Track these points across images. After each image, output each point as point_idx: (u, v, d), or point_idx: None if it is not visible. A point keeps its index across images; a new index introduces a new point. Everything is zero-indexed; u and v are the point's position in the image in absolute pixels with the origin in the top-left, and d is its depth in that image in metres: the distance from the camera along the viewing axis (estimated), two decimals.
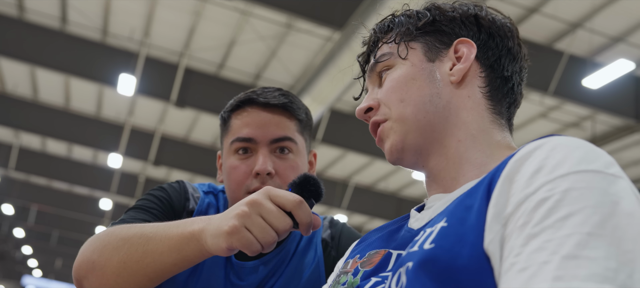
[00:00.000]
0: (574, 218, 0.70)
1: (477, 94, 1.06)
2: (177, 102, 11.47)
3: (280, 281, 1.38)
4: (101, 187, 18.08)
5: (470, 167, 1.01)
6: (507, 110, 1.08)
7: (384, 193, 17.32)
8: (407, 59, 1.08)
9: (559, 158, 0.78)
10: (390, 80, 1.09)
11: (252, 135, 1.40)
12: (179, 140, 15.70)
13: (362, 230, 19.95)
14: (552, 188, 0.74)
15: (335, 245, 1.48)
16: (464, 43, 1.07)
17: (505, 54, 1.08)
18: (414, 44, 1.09)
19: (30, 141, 17.25)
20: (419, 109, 1.04)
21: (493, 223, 0.78)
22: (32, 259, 34.52)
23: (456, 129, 1.04)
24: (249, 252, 1.02)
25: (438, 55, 1.07)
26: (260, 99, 1.43)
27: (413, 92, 1.05)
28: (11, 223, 26.24)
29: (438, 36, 1.08)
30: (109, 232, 1.19)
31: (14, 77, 13.68)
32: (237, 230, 1.01)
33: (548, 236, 0.70)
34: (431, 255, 0.81)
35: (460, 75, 1.05)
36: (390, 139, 1.07)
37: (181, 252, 1.10)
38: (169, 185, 1.45)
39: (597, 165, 0.76)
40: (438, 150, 1.05)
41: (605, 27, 8.93)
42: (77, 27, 11.12)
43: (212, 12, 10.20)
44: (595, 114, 10.93)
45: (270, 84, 11.58)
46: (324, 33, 9.98)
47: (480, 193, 0.84)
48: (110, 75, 10.97)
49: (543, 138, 0.86)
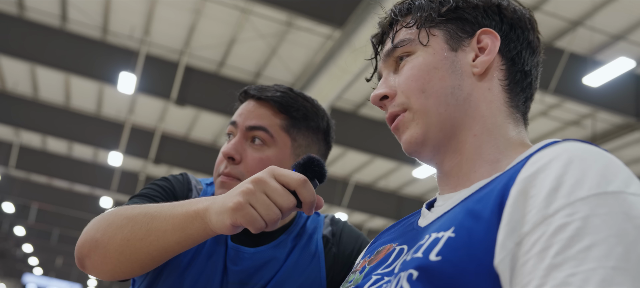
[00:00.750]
0: (597, 250, 0.68)
1: (497, 87, 1.03)
2: (177, 101, 11.47)
3: (279, 274, 1.38)
4: (101, 185, 18.09)
5: (482, 163, 0.99)
6: (523, 105, 1.06)
7: (384, 192, 17.32)
8: (429, 46, 1.04)
9: (577, 176, 0.75)
10: (411, 67, 1.04)
11: (236, 119, 1.44)
12: (179, 138, 15.70)
13: (362, 228, 19.96)
14: (572, 214, 0.72)
15: (336, 242, 1.48)
16: (487, 33, 1.03)
17: (526, 47, 1.05)
18: (436, 31, 1.05)
19: (30, 139, 17.25)
20: (441, 101, 1.01)
21: (506, 241, 0.76)
22: (33, 257, 34.53)
23: (474, 123, 1.01)
24: (252, 229, 1.03)
25: (460, 45, 1.04)
26: (253, 91, 1.46)
27: (435, 83, 1.01)
28: (12, 221, 26.26)
29: (460, 24, 1.04)
30: (112, 211, 1.21)
31: (14, 76, 13.68)
32: (241, 207, 1.01)
33: (571, 269, 0.68)
34: (437, 268, 0.80)
35: (484, 67, 1.02)
36: (411, 131, 1.04)
37: (185, 230, 1.11)
38: (173, 176, 1.47)
39: (616, 185, 0.74)
40: (455, 146, 1.02)
41: (605, 25, 8.92)
42: (78, 25, 11.12)
43: (212, 10, 10.20)
44: (595, 112, 10.93)
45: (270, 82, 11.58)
46: (324, 31, 9.98)
47: (492, 202, 0.82)
48: (110, 74, 10.97)
49: (556, 144, 0.84)
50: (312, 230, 1.49)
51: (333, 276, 1.43)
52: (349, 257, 1.46)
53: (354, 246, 1.48)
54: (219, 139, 15.35)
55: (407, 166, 13.65)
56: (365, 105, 12.49)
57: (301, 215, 1.51)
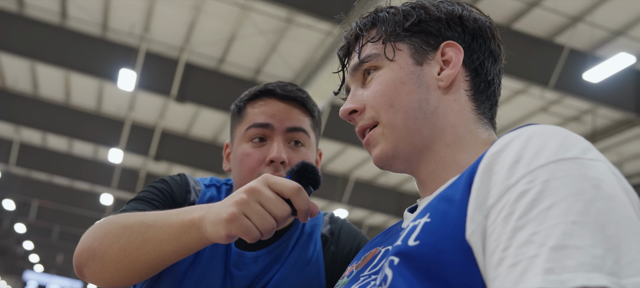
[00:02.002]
0: (557, 208, 0.71)
1: (463, 98, 1.05)
2: (177, 97, 11.46)
3: (279, 274, 1.39)
4: (102, 182, 18.09)
5: (458, 168, 1.01)
6: (490, 111, 1.09)
7: (384, 188, 17.33)
8: (395, 60, 1.06)
9: (536, 148, 0.79)
10: (378, 82, 1.06)
11: (270, 121, 1.41)
12: (180, 135, 15.70)
13: (362, 225, 19.97)
14: (533, 180, 0.75)
15: (335, 240, 1.49)
16: (451, 46, 1.06)
17: (488, 57, 1.08)
18: (401, 45, 1.07)
19: (30, 136, 17.26)
20: (409, 115, 1.03)
21: (475, 215, 0.79)
22: (34, 254, 34.57)
23: (444, 134, 1.03)
24: (248, 239, 1.03)
25: (425, 58, 1.06)
26: (279, 90, 1.44)
27: (403, 98, 1.03)
28: (12, 218, 26.28)
29: (424, 37, 1.07)
30: (109, 220, 1.21)
31: (14, 73, 13.68)
32: (236, 218, 1.02)
33: (534, 228, 0.70)
34: (416, 252, 0.82)
35: (449, 80, 1.04)
36: (381, 146, 1.06)
37: (181, 239, 1.11)
38: (171, 178, 1.46)
39: (574, 152, 0.77)
40: (427, 156, 1.04)
41: (605, 21, 8.92)
42: (77, 22, 11.11)
43: (212, 6, 10.19)
44: (595, 108, 10.92)
45: (271, 79, 11.54)
46: (324, 27, 9.97)
47: (462, 185, 0.84)
48: (110, 71, 10.97)
49: (520, 128, 0.87)
50: (311, 228, 1.50)
51: (332, 274, 1.43)
52: (347, 255, 1.46)
53: (353, 244, 1.49)
54: (220, 135, 15.35)
55: None
56: None
57: None
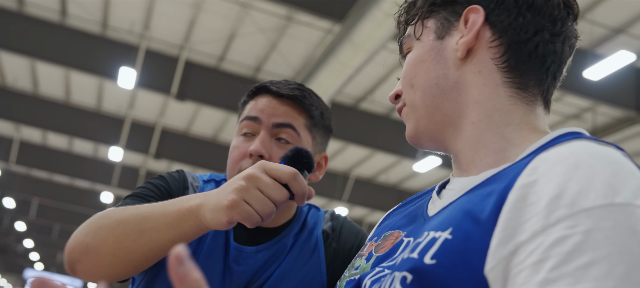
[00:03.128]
0: (596, 268, 0.63)
1: (488, 68, 0.93)
2: (177, 95, 11.46)
3: (279, 269, 1.38)
4: (102, 180, 18.10)
5: (486, 152, 0.92)
6: (538, 85, 0.94)
7: (384, 186, 17.33)
8: (421, 39, 1.01)
9: (581, 184, 0.70)
10: (405, 64, 1.05)
11: (258, 115, 1.40)
12: (180, 133, 15.70)
13: (362, 222, 19.98)
14: (574, 227, 0.67)
15: (336, 237, 1.48)
16: (473, 11, 0.95)
17: (526, 10, 0.93)
18: (429, 22, 1.01)
19: (30, 135, 17.26)
20: (426, 93, 0.98)
21: (498, 249, 0.72)
22: (34, 252, 34.58)
23: (468, 110, 0.94)
24: (248, 224, 1.04)
25: (449, 30, 0.97)
26: (274, 87, 1.43)
27: (420, 76, 0.99)
28: (12, 216, 26.29)
29: (451, 8, 0.98)
30: (102, 214, 1.20)
31: (14, 71, 13.67)
32: (236, 204, 1.03)
33: (567, 287, 0.63)
34: (431, 272, 0.77)
35: (464, 48, 0.94)
36: (408, 126, 1.03)
37: (179, 228, 1.11)
38: (169, 174, 1.45)
39: (625, 196, 0.69)
40: (453, 134, 0.98)
41: (606, 19, 8.91)
42: (77, 20, 11.10)
43: (212, 4, 10.19)
44: (596, 106, 10.92)
45: (271, 77, 11.56)
46: (324, 25, 9.97)
47: (490, 206, 0.77)
48: (110, 69, 10.97)
49: (564, 144, 0.79)
50: (313, 225, 1.49)
51: (333, 271, 1.43)
52: (348, 252, 1.45)
53: (354, 241, 1.48)
54: (220, 133, 15.35)
55: (407, 160, 13.65)
56: (366, 100, 12.48)
57: (302, 212, 1.50)
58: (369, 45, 8.04)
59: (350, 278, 1.00)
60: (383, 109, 12.76)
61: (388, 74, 11.29)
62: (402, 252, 0.90)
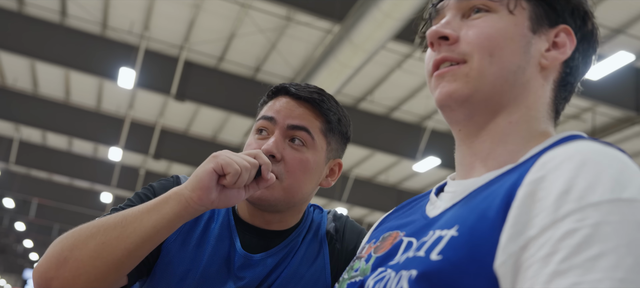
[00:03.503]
0: (605, 260, 0.65)
1: (550, 86, 1.00)
2: (177, 95, 11.46)
3: (286, 272, 1.38)
4: (101, 180, 18.10)
5: (503, 152, 0.96)
6: (561, 108, 1.05)
7: (384, 186, 17.33)
8: (514, 14, 0.97)
9: (589, 180, 0.72)
10: (487, 25, 0.97)
11: (274, 115, 1.39)
12: (179, 133, 15.70)
13: (362, 222, 19.98)
14: (582, 220, 0.69)
15: (340, 237, 1.48)
16: (568, 33, 1.00)
17: (584, 63, 1.03)
18: (524, 4, 0.99)
19: (30, 135, 17.25)
20: (502, 74, 0.96)
21: (509, 244, 0.74)
22: (33, 252, 34.56)
23: (515, 110, 0.97)
24: (229, 175, 1.14)
25: (540, 29, 0.99)
26: (293, 89, 1.42)
27: (506, 54, 0.96)
28: (12, 216, 26.28)
29: (548, 10, 0.99)
30: (75, 229, 1.19)
31: (14, 71, 13.67)
32: (216, 155, 1.16)
33: (576, 278, 0.65)
34: (438, 268, 0.78)
35: (553, 63, 0.99)
36: (458, 85, 0.97)
37: (160, 210, 1.14)
38: (159, 183, 1.43)
39: (631, 192, 0.71)
40: (488, 123, 0.98)
41: (605, 19, 8.91)
42: (77, 20, 11.11)
43: (211, 4, 10.19)
44: (595, 106, 10.92)
45: (270, 77, 11.56)
46: (323, 25, 9.97)
47: (498, 202, 0.79)
48: (110, 69, 10.97)
49: (570, 143, 0.81)
50: (317, 226, 1.48)
51: (337, 272, 1.42)
52: (352, 253, 1.44)
53: (357, 242, 1.47)
54: (219, 133, 15.36)
55: (407, 160, 13.65)
56: (365, 100, 12.49)
57: (309, 213, 1.49)
58: (368, 45, 8.04)
59: (351, 281, 1.00)
60: (383, 109, 12.76)
61: (388, 74, 11.30)
62: (405, 251, 0.91)
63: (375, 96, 12.24)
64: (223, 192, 1.17)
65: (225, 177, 1.15)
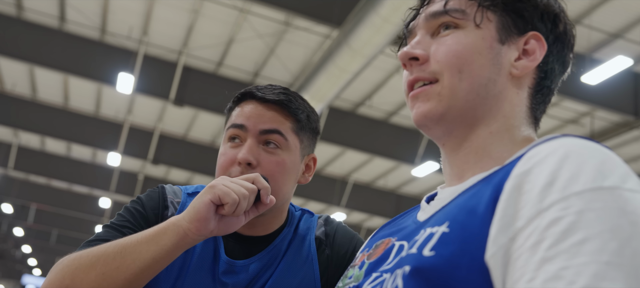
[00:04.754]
0: (590, 244, 0.67)
1: (525, 93, 1.01)
2: (175, 101, 11.47)
3: (272, 279, 1.37)
4: (100, 185, 18.08)
5: (488, 160, 0.97)
6: (540, 113, 1.06)
7: (383, 191, 17.32)
8: (481, 28, 0.99)
9: (572, 171, 0.74)
10: (455, 42, 0.98)
11: (244, 122, 1.39)
12: (178, 138, 15.70)
13: (361, 227, 19.96)
14: (567, 208, 0.71)
15: (330, 243, 1.47)
16: (537, 39, 1.00)
17: (560, 65, 1.03)
18: (491, 16, 1.00)
19: (29, 140, 17.24)
20: (473, 88, 0.97)
21: (498, 236, 0.75)
22: (32, 258, 34.52)
23: (493, 121, 0.99)
24: (227, 205, 1.15)
25: (508, 39, 0.99)
26: (259, 93, 1.42)
27: (474, 68, 0.97)
28: (10, 222, 26.24)
29: (515, 18, 1.00)
30: (75, 256, 1.19)
31: (13, 76, 13.67)
32: (214, 185, 1.16)
33: (564, 262, 0.66)
34: (430, 263, 0.79)
35: (523, 71, 0.99)
36: (431, 104, 0.99)
37: (159, 242, 1.15)
38: (146, 195, 1.43)
39: (613, 180, 0.73)
40: (467, 136, 1.00)
41: (603, 24, 8.93)
42: (76, 25, 11.11)
43: (210, 10, 10.20)
44: (594, 111, 10.94)
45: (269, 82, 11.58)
46: (322, 30, 9.98)
47: (486, 197, 0.81)
48: (108, 74, 10.98)
49: (552, 140, 0.83)
50: (305, 231, 1.47)
51: (328, 278, 1.41)
52: (343, 258, 1.44)
53: (349, 247, 1.47)
54: (218, 138, 15.34)
55: (405, 165, 13.66)
56: (364, 105, 12.49)
57: (294, 217, 1.49)
58: (367, 50, 8.05)
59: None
60: (381, 114, 12.76)
61: (386, 79, 11.31)
62: (398, 253, 0.93)
63: (374, 101, 12.24)
64: (222, 220, 1.19)
65: (224, 207, 1.16)
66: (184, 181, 18.01)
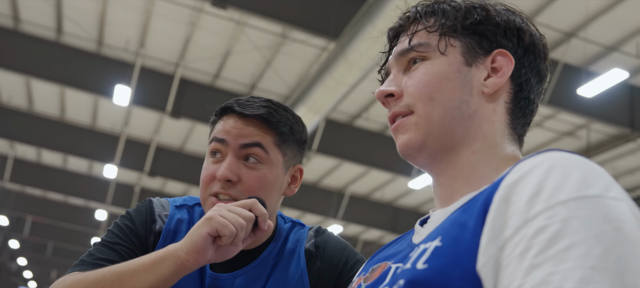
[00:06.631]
0: (576, 250, 0.69)
1: (501, 109, 1.04)
2: (172, 113, 11.46)
3: None
4: (96, 197, 18.03)
5: (476, 180, 1.00)
6: (522, 128, 1.08)
7: (379, 203, 17.30)
8: (446, 55, 1.04)
9: (557, 181, 0.77)
10: (423, 73, 1.04)
11: (225, 137, 1.38)
12: (175, 150, 15.68)
13: (357, 240, 19.91)
14: (552, 216, 0.73)
15: (320, 255, 1.45)
16: (503, 55, 1.04)
17: (535, 74, 1.06)
18: (455, 42, 1.04)
19: (25, 152, 17.21)
20: (446, 113, 1.01)
21: (488, 246, 0.78)
22: (27, 270, 34.35)
23: (473, 140, 1.02)
24: (225, 237, 1.15)
25: (475, 60, 1.04)
26: (239, 108, 1.41)
27: (445, 94, 1.01)
28: (6, 234, 26.14)
29: (479, 39, 1.05)
30: (71, 281, 1.19)
31: (9, 88, 13.66)
32: (213, 216, 1.17)
33: (551, 268, 0.69)
34: (423, 276, 0.81)
35: (494, 88, 1.03)
36: (410, 135, 1.04)
37: (157, 271, 1.15)
38: (135, 210, 1.43)
39: (596, 189, 0.76)
40: (451, 159, 1.03)
41: (599, 37, 8.97)
42: (73, 37, 11.12)
43: (207, 22, 10.22)
44: (590, 123, 10.96)
45: (266, 94, 11.58)
46: (319, 43, 10.00)
47: (476, 211, 0.83)
48: (105, 86, 10.97)
49: (539, 154, 0.85)
50: (294, 244, 1.46)
51: None
52: (335, 269, 1.43)
53: (340, 257, 1.45)
54: None
55: (402, 177, 13.65)
56: (360, 117, 12.50)
57: (281, 230, 1.47)
58: (363, 62, 8.06)
59: None
60: (378, 126, 12.77)
61: None
62: (394, 275, 0.94)
63: (371, 113, 12.25)
64: (219, 249, 1.19)
65: (221, 239, 1.16)
66: (180, 193, 17.96)
